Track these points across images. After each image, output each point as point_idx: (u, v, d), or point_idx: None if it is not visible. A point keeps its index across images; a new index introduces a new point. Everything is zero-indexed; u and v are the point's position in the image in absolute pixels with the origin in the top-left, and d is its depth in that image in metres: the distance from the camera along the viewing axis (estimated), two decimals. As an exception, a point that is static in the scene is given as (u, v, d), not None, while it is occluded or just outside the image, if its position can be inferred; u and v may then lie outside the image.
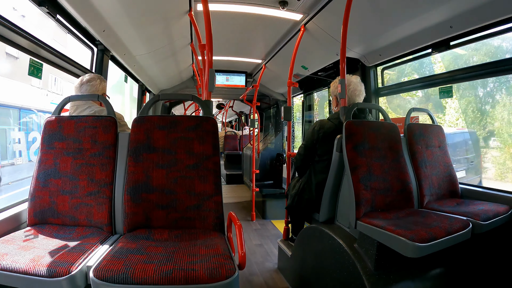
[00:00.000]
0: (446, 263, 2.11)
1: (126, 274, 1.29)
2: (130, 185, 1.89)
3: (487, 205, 2.26)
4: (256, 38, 4.39)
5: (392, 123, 2.50)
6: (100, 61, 3.21)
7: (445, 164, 2.71)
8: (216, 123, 2.04)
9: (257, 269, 3.39)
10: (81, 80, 2.42)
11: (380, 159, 2.31)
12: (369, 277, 1.88)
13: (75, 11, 2.45)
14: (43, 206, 1.90)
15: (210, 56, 2.27)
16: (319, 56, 4.22)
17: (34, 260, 1.37)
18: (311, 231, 2.64)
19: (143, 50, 3.94)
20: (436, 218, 2.01)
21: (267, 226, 5.02)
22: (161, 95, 2.17)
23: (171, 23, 3.42)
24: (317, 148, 2.67)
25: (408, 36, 2.98)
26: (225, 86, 6.18)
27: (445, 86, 2.91)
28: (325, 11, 3.04)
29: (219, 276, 1.30)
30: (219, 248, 1.55)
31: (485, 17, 2.34)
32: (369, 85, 3.75)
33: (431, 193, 2.52)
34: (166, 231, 1.82)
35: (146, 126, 1.98)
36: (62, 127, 1.98)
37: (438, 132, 2.79)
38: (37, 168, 1.94)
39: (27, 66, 2.25)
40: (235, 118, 15.50)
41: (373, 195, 2.19)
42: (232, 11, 3.39)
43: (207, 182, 1.93)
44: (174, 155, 1.95)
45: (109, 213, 1.89)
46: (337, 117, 2.60)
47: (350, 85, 2.61)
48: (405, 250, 1.71)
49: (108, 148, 1.98)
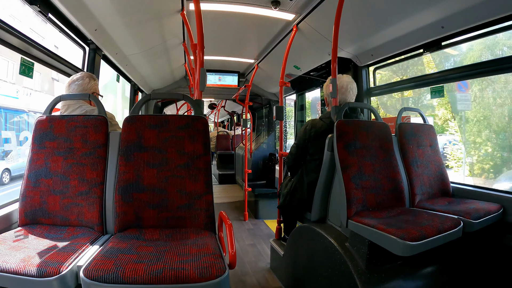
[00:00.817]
0: (438, 261, 2.12)
1: (117, 273, 1.28)
2: (121, 184, 1.88)
3: (478, 204, 2.28)
4: (249, 38, 4.40)
5: (383, 123, 2.51)
6: (92, 61, 3.19)
7: (436, 163, 2.73)
8: (207, 122, 2.04)
9: (249, 268, 3.39)
10: (71, 79, 2.39)
11: (371, 158, 2.32)
12: (360, 276, 1.89)
13: (67, 10, 2.44)
14: (34, 206, 1.88)
15: (202, 55, 2.27)
16: (311, 56, 4.23)
17: (24, 260, 1.36)
18: (303, 230, 2.64)
19: (135, 49, 3.92)
20: (427, 217, 2.02)
21: (260, 226, 5.03)
22: (152, 94, 2.16)
23: (164, 22, 3.41)
24: (309, 147, 2.67)
25: (400, 36, 3.00)
26: (218, 86, 6.18)
27: (436, 86, 2.93)
28: (317, 11, 3.05)
29: (209, 275, 1.30)
30: (209, 247, 1.55)
31: (476, 17, 2.37)
32: (361, 85, 3.77)
33: (422, 192, 2.54)
34: (157, 231, 1.82)
35: (137, 126, 1.97)
36: (53, 126, 1.96)
37: (429, 132, 2.81)
38: (28, 168, 1.93)
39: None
40: (228, 118, 15.48)
41: (364, 194, 2.21)
42: (224, 11, 3.39)
43: (198, 181, 1.93)
44: (165, 154, 1.95)
45: (100, 212, 1.88)
46: (329, 116, 2.61)
47: (342, 85, 2.62)
48: (396, 249, 1.73)
49: (99, 148, 1.97)
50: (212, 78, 6.06)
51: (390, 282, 1.90)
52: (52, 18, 2.46)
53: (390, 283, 1.90)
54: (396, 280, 1.93)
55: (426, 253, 1.85)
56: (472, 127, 5.73)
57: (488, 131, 5.63)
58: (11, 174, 9.86)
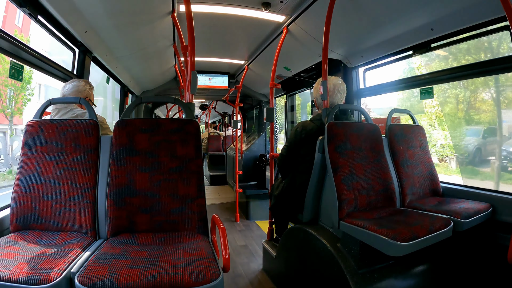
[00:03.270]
0: (429, 260, 2.15)
1: (111, 279, 1.28)
2: (113, 189, 1.87)
3: (468, 203, 2.32)
4: (239, 39, 4.40)
5: (373, 124, 2.54)
6: (81, 63, 3.16)
7: (426, 163, 2.76)
8: (199, 126, 2.04)
9: (242, 270, 3.39)
10: (71, 80, 2.39)
11: (362, 160, 2.35)
12: (352, 276, 1.91)
13: (57, 12, 2.41)
14: (26, 212, 1.85)
15: (193, 58, 2.26)
16: (301, 58, 4.25)
17: (17, 268, 1.34)
18: (295, 231, 2.66)
19: (126, 51, 3.90)
20: (418, 217, 2.05)
21: (251, 227, 5.03)
22: (143, 98, 2.15)
23: (154, 24, 3.39)
24: (300, 149, 2.68)
25: (390, 38, 3.03)
26: (208, 87, 6.19)
27: (426, 87, 2.97)
28: (308, 13, 3.07)
29: (204, 279, 1.31)
30: (203, 251, 1.55)
31: (465, 20, 2.41)
32: (351, 86, 3.80)
33: (413, 192, 2.57)
34: (150, 235, 1.81)
35: (129, 129, 1.96)
36: (44, 131, 1.94)
37: (419, 133, 2.84)
38: (19, 173, 1.90)
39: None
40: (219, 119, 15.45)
41: (356, 195, 2.23)
42: (215, 13, 3.39)
43: (190, 184, 1.92)
44: (156, 158, 1.94)
45: (92, 217, 1.86)
46: (320, 118, 2.63)
47: (330, 87, 2.64)
48: (387, 249, 1.75)
49: (90, 152, 1.95)
50: (202, 79, 6.06)
51: (382, 281, 1.93)
52: (41, 20, 2.43)
53: (382, 282, 1.93)
54: (388, 279, 1.96)
55: (418, 253, 1.87)
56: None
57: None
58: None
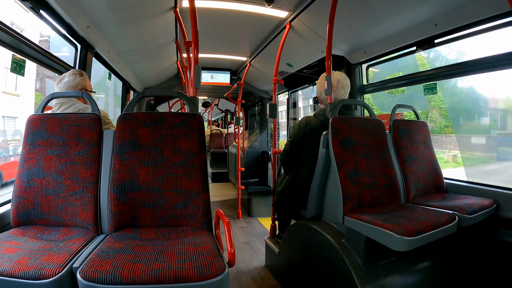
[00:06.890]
0: (433, 256, 2.14)
1: (114, 274, 1.26)
2: (116, 183, 1.85)
3: (472, 199, 2.31)
4: (241, 35, 4.38)
5: (377, 119, 2.52)
6: (83, 58, 3.14)
7: (430, 159, 2.75)
8: (203, 120, 2.02)
9: (244, 266, 3.39)
10: (60, 78, 2.36)
11: (366, 155, 2.33)
12: (358, 272, 1.90)
13: (59, 6, 2.39)
14: (27, 207, 1.84)
15: (196, 53, 2.25)
16: (304, 54, 4.23)
17: (19, 263, 1.33)
18: (298, 227, 2.65)
19: (128, 47, 3.88)
20: (422, 212, 2.04)
21: (253, 224, 5.03)
22: (146, 91, 2.13)
23: (156, 19, 3.38)
24: (303, 145, 2.67)
25: (393, 34, 3.01)
26: (210, 84, 6.16)
27: (429, 83, 2.95)
28: (311, 8, 3.05)
29: (209, 274, 1.29)
30: (208, 246, 1.53)
31: (468, 16, 2.38)
32: (354, 82, 3.78)
33: (417, 188, 2.55)
34: (153, 230, 1.79)
35: (131, 123, 1.94)
36: (46, 125, 1.92)
37: (423, 128, 2.83)
38: (20, 168, 1.88)
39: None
40: (221, 116, 15.45)
41: (360, 190, 2.21)
42: (217, 8, 3.37)
43: (194, 179, 1.91)
44: (160, 152, 1.92)
45: (95, 212, 1.85)
46: (323, 113, 2.61)
47: (335, 82, 2.62)
48: (393, 244, 1.73)
49: (92, 146, 1.93)
50: (204, 76, 6.03)
51: (387, 277, 1.91)
52: (43, 14, 2.42)
53: (388, 278, 1.91)
54: (393, 275, 1.94)
55: (422, 248, 1.86)
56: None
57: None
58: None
